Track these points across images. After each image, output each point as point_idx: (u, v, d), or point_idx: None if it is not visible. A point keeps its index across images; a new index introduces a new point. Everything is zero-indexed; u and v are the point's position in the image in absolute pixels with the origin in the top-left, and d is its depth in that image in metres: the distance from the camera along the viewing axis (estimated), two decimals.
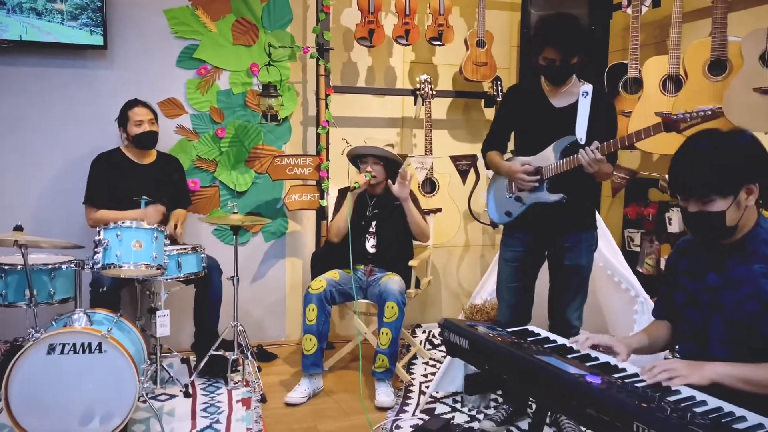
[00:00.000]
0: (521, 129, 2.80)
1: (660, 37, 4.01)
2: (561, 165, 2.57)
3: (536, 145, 2.67)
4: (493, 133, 2.88)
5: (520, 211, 2.75)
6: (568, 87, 2.67)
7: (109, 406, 2.61)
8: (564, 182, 2.62)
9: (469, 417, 3.05)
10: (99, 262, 2.75)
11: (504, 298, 2.88)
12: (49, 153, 3.66)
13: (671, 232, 3.76)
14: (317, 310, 3.29)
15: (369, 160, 3.48)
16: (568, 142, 2.59)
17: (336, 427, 2.95)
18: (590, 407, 1.46)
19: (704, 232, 1.67)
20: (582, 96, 2.58)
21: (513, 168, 2.70)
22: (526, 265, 2.82)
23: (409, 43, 3.99)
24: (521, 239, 2.80)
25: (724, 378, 1.57)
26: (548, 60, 2.58)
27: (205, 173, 3.94)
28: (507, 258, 2.85)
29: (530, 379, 1.65)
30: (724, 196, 1.60)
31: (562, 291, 2.79)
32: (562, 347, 1.89)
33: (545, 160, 2.64)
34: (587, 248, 2.77)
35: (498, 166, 2.80)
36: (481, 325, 2.00)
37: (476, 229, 4.61)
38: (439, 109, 4.32)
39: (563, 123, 2.60)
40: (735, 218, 1.62)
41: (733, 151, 1.61)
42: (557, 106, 2.68)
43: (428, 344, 4.14)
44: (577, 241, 2.73)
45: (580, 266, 2.75)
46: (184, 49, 3.83)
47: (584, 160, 2.45)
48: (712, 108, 2.11)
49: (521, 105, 2.77)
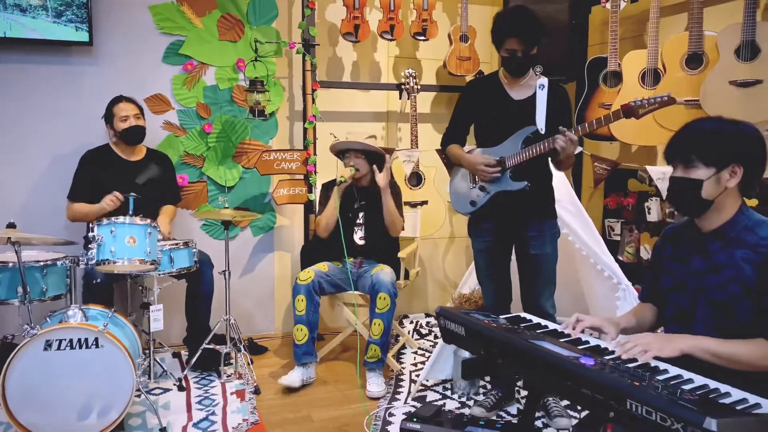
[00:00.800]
0: (482, 121, 2.87)
1: (637, 31, 4.12)
2: (525, 153, 2.66)
3: (497, 136, 2.76)
4: (453, 127, 2.96)
5: (485, 200, 2.82)
6: (525, 80, 2.76)
7: (106, 400, 2.64)
8: (525, 172, 2.71)
9: (459, 403, 3.14)
10: (93, 258, 2.77)
11: (485, 284, 2.98)
12: (35, 150, 3.65)
13: (650, 221, 3.87)
14: (306, 301, 3.35)
15: (351, 154, 3.54)
16: (530, 132, 2.68)
17: (331, 416, 3.01)
18: (585, 387, 1.54)
19: (681, 198, 1.77)
20: (539, 88, 2.67)
21: (475, 160, 2.78)
22: (496, 253, 2.92)
23: (394, 38, 4.04)
24: (488, 229, 2.89)
25: (692, 349, 1.68)
26: (510, 51, 2.67)
27: (193, 169, 3.96)
28: (479, 248, 2.95)
29: (526, 363, 1.73)
30: (707, 165, 1.70)
31: (531, 281, 2.88)
32: (554, 332, 1.97)
33: (508, 150, 2.72)
34: (551, 236, 2.86)
35: (460, 158, 2.88)
36: (474, 313, 2.07)
37: (461, 221, 4.68)
38: (423, 103, 4.39)
39: (522, 114, 2.70)
40: (712, 194, 1.71)
41: (730, 130, 1.72)
42: (516, 98, 2.77)
43: (416, 334, 4.22)
44: (540, 229, 2.82)
45: (545, 254, 2.84)
46: (170, 45, 3.84)
47: (561, 142, 2.52)
48: (667, 94, 2.28)
49: (481, 98, 2.84)
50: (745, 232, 1.72)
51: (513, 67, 2.73)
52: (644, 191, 3.97)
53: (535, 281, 2.84)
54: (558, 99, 2.71)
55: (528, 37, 2.64)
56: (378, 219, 3.59)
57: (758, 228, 1.71)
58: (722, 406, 1.42)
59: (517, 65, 2.72)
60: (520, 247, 2.86)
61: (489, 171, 2.72)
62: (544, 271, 2.83)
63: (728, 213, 1.74)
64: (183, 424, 2.87)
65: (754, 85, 3.03)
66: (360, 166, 3.53)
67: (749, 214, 1.74)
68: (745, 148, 1.71)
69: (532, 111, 2.66)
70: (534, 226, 2.80)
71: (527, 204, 2.76)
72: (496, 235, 2.87)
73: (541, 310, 2.78)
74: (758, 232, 1.70)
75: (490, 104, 2.80)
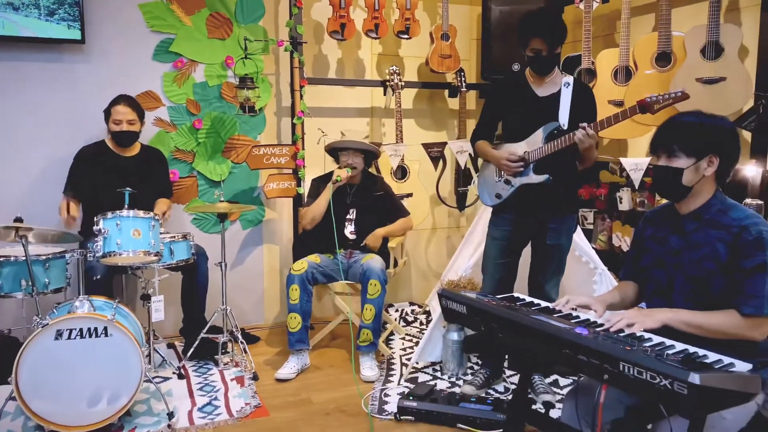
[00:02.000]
0: (509, 118, 3.03)
1: (608, 30, 4.35)
2: (548, 147, 2.81)
3: (523, 132, 2.91)
4: (482, 124, 3.11)
5: (509, 192, 2.98)
6: (551, 78, 2.91)
7: (115, 387, 2.73)
8: (548, 165, 2.86)
9: (450, 383, 3.32)
10: (100, 250, 2.86)
11: (490, 273, 3.12)
12: (29, 147, 3.71)
13: (622, 210, 4.11)
14: (300, 290, 3.48)
15: (350, 152, 3.67)
16: (553, 127, 2.83)
17: (329, 398, 3.16)
18: (581, 354, 1.72)
19: (663, 184, 1.96)
20: (564, 86, 2.85)
21: (499, 155, 2.94)
22: (512, 244, 3.07)
23: (379, 36, 4.19)
24: (509, 219, 3.04)
25: (672, 321, 1.87)
26: (535, 50, 2.81)
27: (183, 164, 4.05)
28: (495, 236, 3.10)
29: (526, 335, 1.90)
30: (688, 156, 1.90)
31: (543, 268, 3.05)
32: (547, 308, 2.16)
33: (532, 144, 2.89)
34: (568, 230, 3.04)
35: (486, 154, 3.04)
36: (472, 293, 2.25)
37: (442, 213, 4.88)
38: (405, 99, 4.54)
39: (547, 110, 2.85)
40: (691, 180, 1.92)
41: (708, 123, 1.92)
42: (541, 95, 2.93)
43: (403, 321, 4.39)
44: (560, 223, 2.99)
45: (560, 246, 3.02)
46: (160, 43, 3.92)
47: (579, 135, 2.67)
48: (681, 90, 2.41)
49: (508, 97, 3.01)
50: (719, 214, 1.92)
51: (537, 66, 2.88)
52: (615, 182, 4.20)
53: (547, 269, 3.02)
54: (582, 96, 2.87)
55: (551, 38, 2.79)
56: (368, 215, 3.74)
57: (731, 211, 1.92)
58: (703, 364, 1.62)
59: (542, 64, 2.86)
60: (538, 237, 3.02)
61: (512, 165, 2.88)
62: (556, 261, 3.02)
63: (704, 197, 1.95)
64: (188, 409, 2.99)
65: (718, 82, 3.27)
66: (357, 165, 3.67)
67: (722, 199, 1.95)
68: (721, 140, 1.91)
69: (557, 107, 2.82)
70: (554, 219, 2.96)
71: (549, 197, 2.90)
72: (515, 225, 3.02)
73: (546, 295, 2.97)
74: (730, 214, 1.91)
75: (517, 102, 2.95)
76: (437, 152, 4.34)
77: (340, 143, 3.70)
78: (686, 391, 1.47)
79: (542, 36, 2.77)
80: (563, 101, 2.83)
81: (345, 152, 3.68)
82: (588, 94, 2.94)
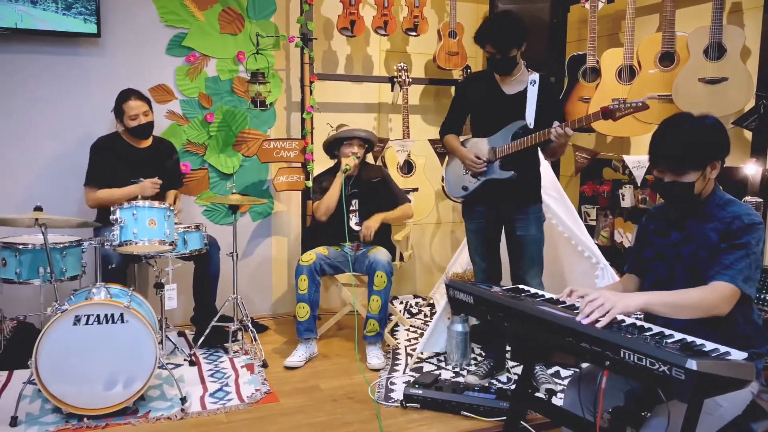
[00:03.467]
0: (476, 114, 3.15)
1: (612, 29, 4.42)
2: (514, 145, 2.92)
3: (489, 128, 3.03)
4: (450, 118, 3.23)
5: (475, 186, 3.09)
6: (517, 76, 3.01)
7: (131, 371, 2.82)
8: (513, 161, 2.98)
9: (454, 373, 3.40)
10: (116, 239, 2.95)
11: (476, 263, 3.25)
12: (44, 137, 3.79)
13: (624, 207, 4.19)
14: (308, 281, 3.56)
15: (355, 142, 3.75)
16: (519, 126, 2.94)
17: (337, 385, 3.24)
18: (584, 342, 1.81)
19: (676, 199, 2.04)
20: (530, 84, 2.94)
21: (465, 154, 3.06)
22: (488, 234, 3.19)
23: (388, 33, 4.27)
24: (480, 212, 3.16)
25: (649, 304, 1.89)
26: (489, 53, 2.94)
27: (195, 156, 4.13)
28: (471, 229, 3.23)
29: (531, 324, 1.99)
30: (695, 170, 1.97)
31: (518, 260, 3.15)
32: (551, 299, 2.24)
33: (498, 141, 2.99)
34: (536, 219, 3.13)
35: (454, 149, 3.16)
36: (479, 284, 2.33)
37: (447, 207, 4.96)
38: (412, 95, 4.62)
39: (513, 108, 2.96)
40: (700, 188, 2.00)
41: (705, 134, 1.98)
42: (508, 93, 3.02)
43: (407, 313, 4.48)
44: (526, 212, 3.09)
45: (530, 235, 3.10)
46: (173, 38, 4.00)
47: (554, 133, 2.76)
48: (642, 101, 2.52)
49: (476, 92, 3.11)
50: (717, 209, 2.01)
51: (494, 67, 3.00)
52: (618, 179, 4.28)
53: (521, 260, 3.12)
54: (546, 93, 2.97)
55: (500, 44, 2.88)
56: (371, 205, 3.82)
57: (728, 206, 2.00)
58: (700, 351, 1.70)
59: (498, 66, 2.97)
60: (509, 230, 3.14)
61: (476, 166, 3.01)
62: (530, 251, 3.10)
63: (704, 195, 2.03)
64: (200, 395, 3.08)
65: (720, 82, 3.34)
66: (360, 154, 3.75)
67: (721, 195, 2.04)
68: (720, 145, 1.99)
69: (523, 105, 2.93)
70: (520, 210, 3.07)
71: (515, 190, 3.02)
72: (487, 217, 3.14)
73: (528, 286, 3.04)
74: (728, 208, 1.99)
75: (484, 98, 3.06)
76: (443, 148, 4.40)
77: (343, 133, 3.77)
78: (684, 377, 1.55)
79: (491, 42, 2.89)
80: (530, 99, 2.93)
81: (347, 143, 3.75)
82: (552, 90, 3.05)
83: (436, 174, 4.57)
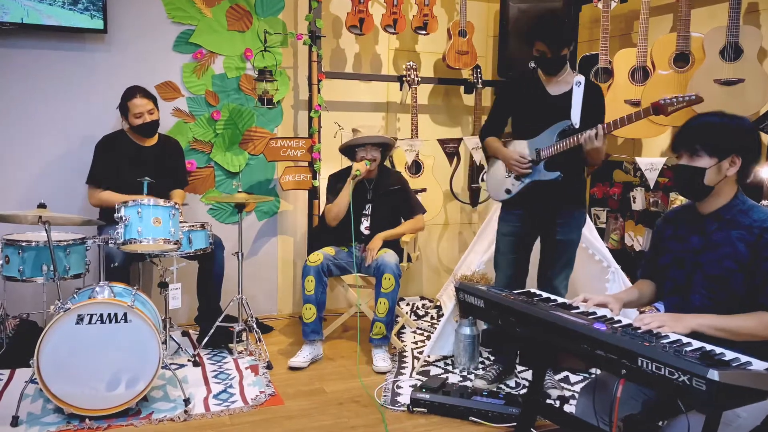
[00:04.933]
0: (519, 115, 3.08)
1: (625, 29, 4.35)
2: (559, 145, 2.86)
3: (533, 130, 2.96)
4: (492, 120, 3.16)
5: (519, 188, 3.02)
6: (562, 77, 2.96)
7: (134, 372, 2.78)
8: (558, 163, 2.91)
9: (461, 377, 3.35)
10: (120, 237, 2.91)
11: (502, 269, 3.16)
12: (49, 134, 3.76)
13: (635, 210, 4.13)
14: (315, 281, 3.51)
15: (368, 147, 3.69)
16: (565, 125, 2.88)
17: (342, 388, 3.19)
18: (600, 349, 1.75)
19: (685, 183, 1.99)
20: (575, 85, 2.89)
21: (509, 154, 2.98)
22: (522, 239, 3.10)
23: (397, 32, 4.22)
24: (518, 215, 3.08)
25: (701, 327, 1.88)
26: (540, 52, 2.88)
27: (201, 154, 4.09)
28: (505, 232, 3.13)
29: (544, 330, 1.93)
30: (710, 156, 1.92)
31: (552, 263, 3.08)
32: (564, 304, 2.18)
33: (543, 142, 2.93)
34: (577, 225, 3.07)
35: (496, 151, 3.08)
36: (491, 288, 2.28)
37: (455, 208, 4.91)
38: (420, 95, 4.57)
39: (558, 109, 2.90)
40: (713, 180, 1.94)
41: (732, 124, 1.94)
42: (553, 93, 2.97)
43: (414, 315, 4.43)
44: (569, 217, 3.02)
45: (570, 241, 3.05)
46: (180, 34, 3.96)
47: (586, 136, 2.73)
48: (695, 94, 2.46)
49: (520, 94, 3.06)
50: (741, 214, 1.95)
51: (543, 67, 2.94)
52: (629, 181, 4.22)
53: (556, 264, 3.05)
54: (592, 96, 2.91)
55: (552, 42, 2.84)
56: (383, 211, 3.76)
57: (752, 212, 1.94)
58: (721, 361, 1.64)
59: (547, 65, 2.92)
60: (547, 232, 3.05)
61: (521, 166, 2.93)
62: (566, 256, 3.04)
63: (726, 198, 1.97)
64: (204, 396, 3.03)
65: (736, 84, 3.28)
66: (376, 158, 3.69)
67: (744, 199, 1.97)
68: (743, 140, 1.94)
69: (568, 106, 2.87)
70: (563, 214, 3.00)
71: (559, 193, 2.94)
72: (524, 221, 3.05)
73: (554, 289, 2.98)
74: (752, 215, 1.93)
75: (529, 99, 3.00)
76: (452, 148, 4.37)
77: (357, 140, 3.71)
78: (705, 387, 1.49)
79: (544, 40, 2.85)
80: (575, 100, 2.88)
81: (362, 147, 3.70)
82: (598, 93, 2.99)
83: (445, 174, 4.52)
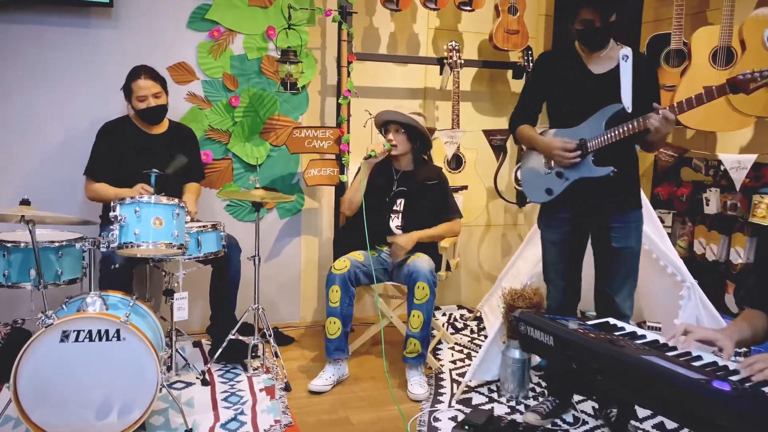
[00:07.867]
0: (557, 99, 2.59)
1: (698, 8, 3.81)
2: (610, 134, 2.38)
3: (575, 116, 2.48)
4: (523, 105, 2.69)
5: (563, 187, 2.54)
6: (606, 51, 2.48)
7: (128, 398, 2.39)
8: (609, 155, 2.43)
9: (509, 408, 2.88)
10: (115, 240, 2.50)
11: (552, 281, 2.71)
12: (49, 120, 3.40)
13: (708, 214, 3.61)
14: (341, 292, 3.09)
15: (391, 127, 3.24)
16: (615, 110, 2.40)
17: (369, 419, 2.76)
18: (723, 419, 1.28)
19: None
20: (622, 60, 2.41)
21: (551, 143, 2.50)
22: (571, 247, 2.64)
23: (438, 7, 3.74)
24: (564, 219, 2.61)
25: None
26: (586, 22, 2.40)
27: (218, 145, 3.69)
28: (551, 240, 2.67)
29: (639, 385, 1.46)
30: None
31: (610, 277, 2.59)
32: (656, 342, 1.70)
33: (589, 131, 2.44)
34: (636, 228, 2.58)
35: (532, 140, 2.60)
36: (560, 319, 1.81)
37: (498, 208, 4.42)
38: (463, 79, 4.08)
39: (604, 90, 2.43)
40: None
41: None
42: (596, 72, 2.49)
43: (451, 328, 3.96)
44: (625, 220, 2.54)
45: (629, 249, 2.56)
46: (195, 9, 3.56)
47: (655, 122, 2.26)
48: None
49: (556, 73, 2.56)
50: None
51: (590, 40, 2.46)
52: (699, 181, 3.71)
53: (615, 277, 2.56)
54: (644, 72, 2.43)
55: (604, 5, 2.36)
56: (418, 207, 3.30)
57: None
58: None
59: (594, 37, 2.44)
60: (601, 239, 2.57)
61: (568, 156, 2.44)
62: (626, 267, 2.55)
63: None
64: (210, 425, 2.62)
65: None
66: (399, 143, 3.23)
67: None
68: None
69: (616, 86, 2.38)
70: (618, 217, 2.52)
71: (611, 192, 2.48)
72: (573, 226, 2.59)
73: (616, 310, 2.50)
74: None
75: (567, 79, 2.52)
76: (500, 141, 3.88)
77: (382, 115, 3.26)
78: None
79: (593, 4, 2.36)
80: (624, 79, 2.39)
81: (388, 127, 3.24)
82: (650, 68, 2.50)
83: (489, 170, 4.03)
